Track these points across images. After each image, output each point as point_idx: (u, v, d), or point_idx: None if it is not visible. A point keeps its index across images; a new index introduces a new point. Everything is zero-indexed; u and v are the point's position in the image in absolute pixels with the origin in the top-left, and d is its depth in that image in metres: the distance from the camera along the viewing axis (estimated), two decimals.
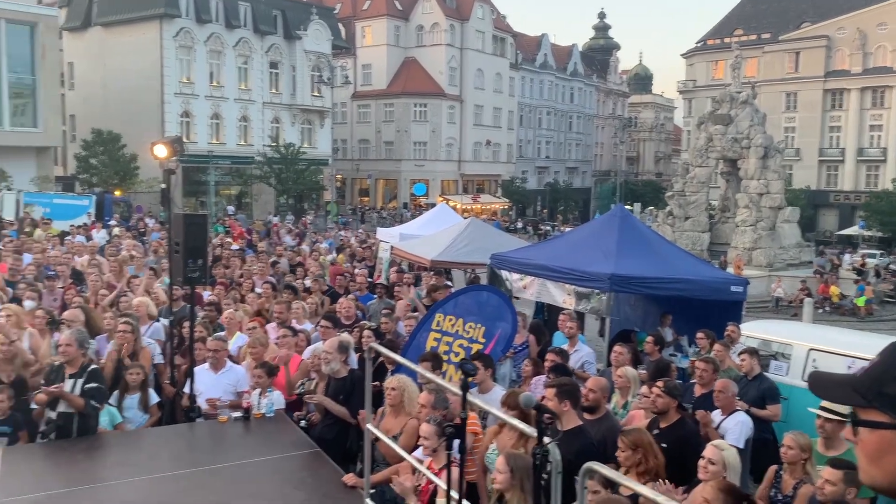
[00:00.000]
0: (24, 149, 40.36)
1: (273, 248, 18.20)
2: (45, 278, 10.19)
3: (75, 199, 29.76)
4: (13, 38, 40.07)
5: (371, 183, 61.57)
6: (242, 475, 5.40)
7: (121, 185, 39.08)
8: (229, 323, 8.26)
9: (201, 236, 6.58)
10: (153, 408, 6.79)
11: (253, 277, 11.98)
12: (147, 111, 43.76)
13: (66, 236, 17.96)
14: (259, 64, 48.29)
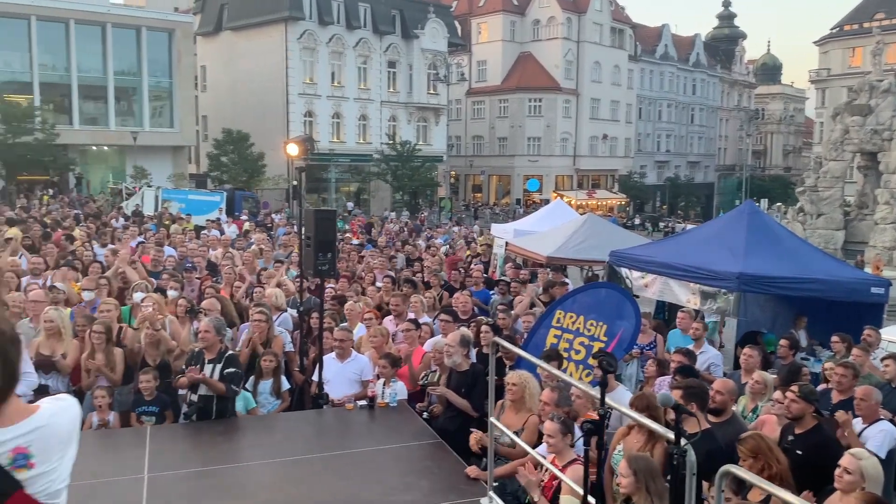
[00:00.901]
0: (161, 148, 43.26)
1: (391, 244, 18.60)
2: (184, 270, 10.86)
3: (208, 195, 31.46)
4: (153, 44, 43.01)
5: (484, 179, 61.80)
6: (368, 462, 5.59)
7: (249, 182, 41.05)
8: (350, 314, 8.52)
9: (331, 231, 6.84)
10: (284, 394, 7.12)
11: (374, 271, 12.31)
12: (273, 111, 45.77)
13: (201, 230, 19.06)
14: (377, 63, 49.45)
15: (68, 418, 2.13)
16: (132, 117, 43.68)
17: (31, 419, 2.03)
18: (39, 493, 2.01)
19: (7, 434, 1.98)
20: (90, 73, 41.66)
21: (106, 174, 45.07)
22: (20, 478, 1.98)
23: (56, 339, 6.84)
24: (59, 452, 2.06)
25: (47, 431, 2.04)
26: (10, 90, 38.76)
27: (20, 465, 1.98)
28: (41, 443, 2.02)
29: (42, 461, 2.01)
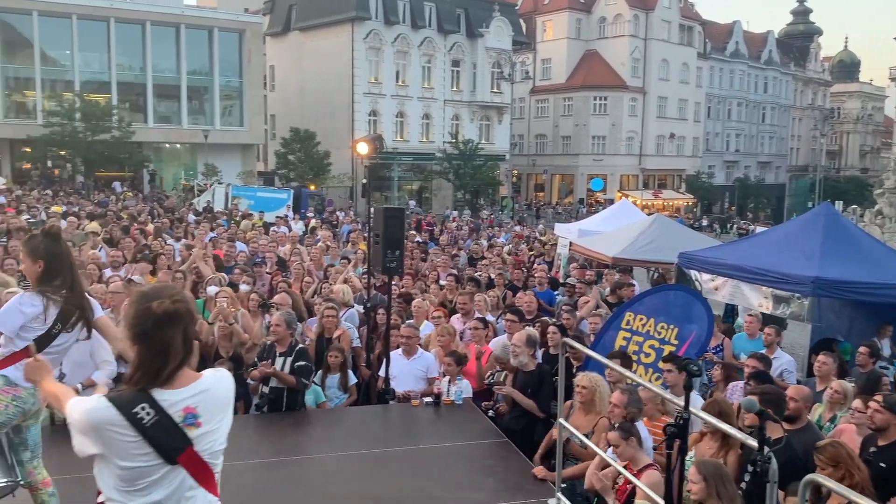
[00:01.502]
0: (231, 146, 44.42)
1: (454, 242, 18.67)
2: (254, 265, 11.12)
3: (276, 192, 32.10)
4: (224, 44, 44.21)
5: (547, 178, 61.34)
6: (435, 458, 5.63)
7: (314, 180, 41.77)
8: (417, 312, 8.58)
9: (399, 229, 6.92)
10: (351, 388, 7.22)
11: (437, 269, 12.38)
12: (339, 110, 46.45)
13: (269, 227, 19.50)
14: (442, 62, 49.64)
15: (226, 385, 2.44)
16: (203, 116, 44.97)
17: (198, 383, 2.33)
18: (204, 451, 2.29)
19: (180, 395, 2.27)
20: (164, 72, 43.08)
21: (178, 171, 46.56)
22: (191, 435, 2.25)
23: None
24: (220, 414, 2.36)
25: (211, 394, 2.35)
26: (90, 89, 40.42)
27: (190, 423, 2.27)
28: (206, 404, 2.31)
29: (207, 420, 2.30)
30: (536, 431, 6.27)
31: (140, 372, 2.25)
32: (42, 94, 39.95)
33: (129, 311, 2.30)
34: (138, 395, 2.22)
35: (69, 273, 4.01)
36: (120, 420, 2.17)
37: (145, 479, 2.21)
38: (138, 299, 2.31)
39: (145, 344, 2.25)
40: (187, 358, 2.33)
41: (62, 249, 4.05)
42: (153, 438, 2.19)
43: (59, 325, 3.91)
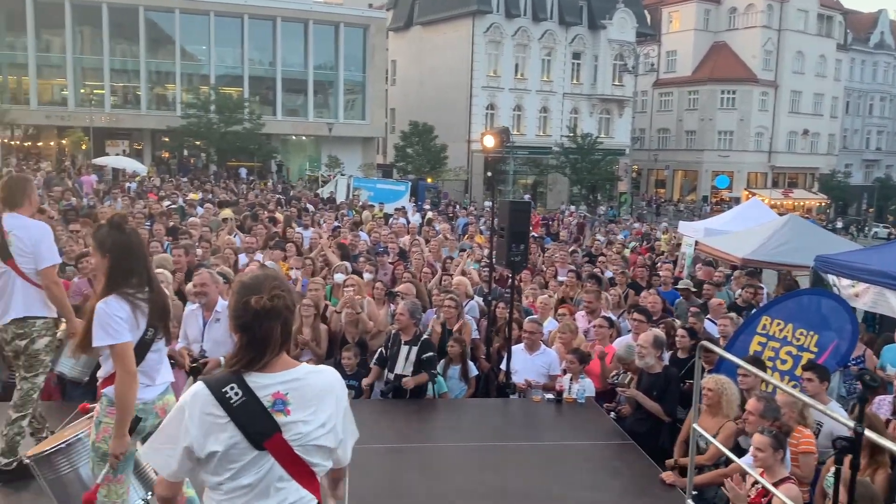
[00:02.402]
0: (353, 139, 45.74)
1: (574, 238, 18.42)
2: (376, 254, 11.39)
3: (394, 184, 32.79)
4: (349, 40, 45.52)
5: (668, 174, 59.40)
6: (557, 456, 5.58)
7: (431, 173, 42.32)
8: (543, 308, 8.50)
9: (524, 222, 6.88)
10: (471, 380, 7.27)
11: (555, 265, 12.25)
12: (456, 104, 46.79)
13: (389, 218, 19.91)
14: (562, 55, 49.01)
15: (322, 379, 2.39)
16: (327, 109, 46.51)
17: (291, 371, 2.33)
18: (293, 440, 2.27)
19: (271, 379, 2.28)
20: (292, 67, 44.86)
21: (303, 162, 48.41)
22: (279, 421, 2.25)
23: None
24: (312, 406, 2.31)
25: (303, 384, 2.32)
26: (224, 83, 42.69)
27: (279, 408, 2.26)
28: (297, 393, 2.29)
29: (297, 409, 2.28)
30: (661, 435, 6.10)
31: (237, 358, 2.30)
32: (181, 87, 42.54)
33: (231, 301, 2.33)
34: (230, 377, 2.27)
35: (143, 269, 3.64)
36: (211, 399, 2.23)
37: (234, 463, 2.23)
38: (239, 291, 2.32)
39: (247, 334, 2.28)
40: (284, 346, 2.35)
41: (132, 242, 3.63)
42: (239, 419, 2.21)
43: (152, 330, 3.61)
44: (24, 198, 4.71)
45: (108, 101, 41.69)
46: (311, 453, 2.30)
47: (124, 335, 3.45)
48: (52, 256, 4.65)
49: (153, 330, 3.59)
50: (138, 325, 3.52)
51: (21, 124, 40.27)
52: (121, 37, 41.83)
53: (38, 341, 4.69)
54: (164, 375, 3.74)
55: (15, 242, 4.56)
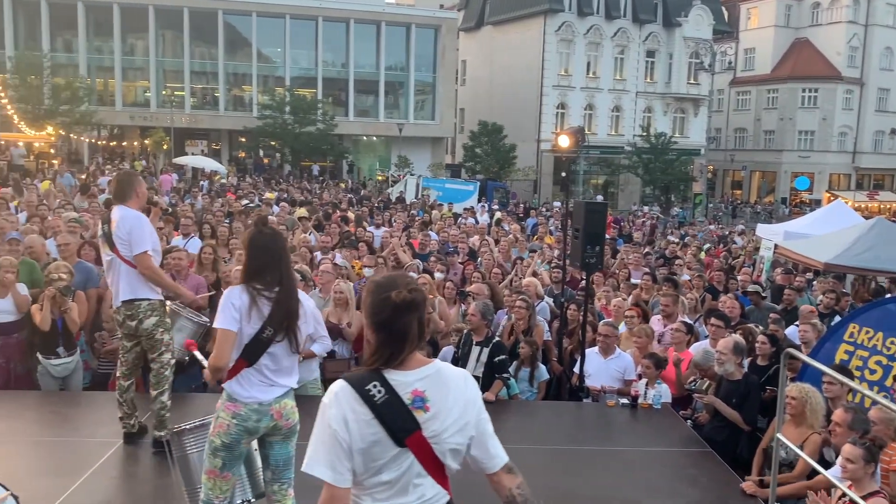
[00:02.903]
0: (422, 139, 46.06)
1: (644, 239, 18.07)
2: (447, 254, 11.43)
3: (463, 184, 32.87)
4: (420, 40, 45.86)
5: (745, 175, 57.61)
6: (632, 462, 5.48)
7: (499, 173, 42.22)
8: (617, 311, 8.36)
9: (600, 224, 6.78)
10: (542, 383, 7.21)
11: (628, 267, 12.02)
12: (526, 104, 46.54)
13: (458, 218, 19.96)
14: (635, 53, 48.16)
15: (456, 373, 2.41)
16: (397, 110, 46.96)
17: (427, 367, 2.35)
18: (432, 437, 2.28)
19: (409, 377, 2.30)
20: (364, 68, 45.47)
21: (373, 162, 49.04)
22: (419, 418, 2.27)
23: (343, 309, 7.54)
24: (448, 397, 2.32)
25: (439, 378, 2.34)
26: (298, 85, 43.62)
27: (418, 405, 2.28)
28: (434, 388, 2.31)
29: (435, 405, 2.29)
30: (740, 444, 5.91)
31: (376, 356, 2.33)
32: (257, 88, 43.68)
33: (368, 300, 2.36)
34: (371, 374, 2.29)
35: (277, 270, 3.65)
36: (355, 396, 2.25)
37: (376, 460, 2.25)
38: (375, 289, 2.36)
39: (385, 331, 2.31)
40: (419, 342, 2.37)
41: (268, 242, 3.67)
42: (383, 416, 2.23)
43: (270, 329, 3.59)
44: (131, 191, 5.14)
45: (188, 103, 43.16)
46: (446, 453, 2.31)
47: (228, 323, 3.54)
48: (144, 243, 4.99)
49: (271, 330, 3.57)
50: (250, 320, 3.55)
51: (107, 125, 42.08)
52: (200, 40, 43.25)
53: (145, 321, 5.15)
54: (285, 379, 3.69)
55: (115, 231, 5.00)
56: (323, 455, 2.27)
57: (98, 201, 14.08)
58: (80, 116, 35.67)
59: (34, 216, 11.05)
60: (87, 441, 5.53)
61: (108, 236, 5.03)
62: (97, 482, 4.77)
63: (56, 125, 33.92)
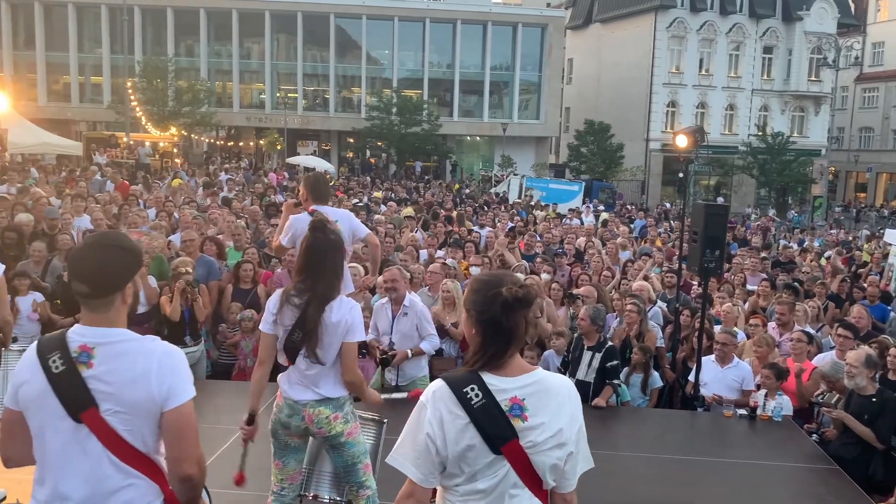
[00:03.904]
0: (526, 139, 45.84)
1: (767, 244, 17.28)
2: (553, 255, 11.30)
3: (567, 184, 32.51)
4: (526, 39, 45.66)
5: (871, 177, 54.07)
6: (749, 475, 5.24)
7: (605, 173, 41.44)
8: (726, 317, 8.04)
9: (720, 227, 6.52)
10: (654, 390, 7.01)
11: (744, 272, 11.52)
12: (634, 103, 45.47)
13: (562, 218, 19.75)
14: (751, 49, 46.13)
15: (559, 381, 2.33)
16: (501, 109, 46.93)
17: (529, 375, 2.27)
18: (529, 447, 2.21)
19: (509, 383, 2.24)
20: (470, 69, 45.70)
21: (476, 162, 49.23)
22: (516, 427, 2.20)
23: (450, 308, 7.59)
24: (550, 411, 2.23)
25: (542, 388, 2.26)
26: (405, 86, 44.35)
27: (516, 413, 2.21)
28: (536, 399, 2.23)
29: (534, 415, 2.21)
30: (872, 464, 5.54)
31: (478, 355, 2.27)
32: (365, 90, 44.71)
33: (472, 297, 2.30)
34: (469, 376, 2.24)
35: (314, 275, 3.62)
36: (452, 398, 2.21)
37: (470, 466, 2.20)
38: (481, 287, 2.30)
39: (491, 329, 2.24)
40: (517, 345, 2.29)
41: (312, 245, 3.65)
42: (479, 421, 2.18)
43: (299, 333, 3.58)
44: (329, 192, 5.61)
45: (301, 104, 44.67)
46: (542, 464, 2.23)
47: (264, 326, 3.68)
48: (365, 228, 5.55)
49: (300, 333, 3.57)
50: (277, 323, 3.61)
51: (224, 125, 44.18)
52: (312, 43, 44.69)
53: None
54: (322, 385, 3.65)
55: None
56: (410, 452, 2.25)
57: (218, 199, 14.78)
58: (201, 118, 37.63)
59: (162, 212, 11.71)
60: (210, 428, 5.79)
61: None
62: (221, 468, 4.99)
63: (178, 126, 35.89)
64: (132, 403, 2.20)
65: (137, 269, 2.37)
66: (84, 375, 2.19)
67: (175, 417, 2.24)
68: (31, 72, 42.12)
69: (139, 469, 2.24)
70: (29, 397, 2.24)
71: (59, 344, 2.24)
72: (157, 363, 2.23)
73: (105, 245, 2.31)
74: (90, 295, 2.25)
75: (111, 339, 2.25)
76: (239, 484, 3.80)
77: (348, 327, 3.61)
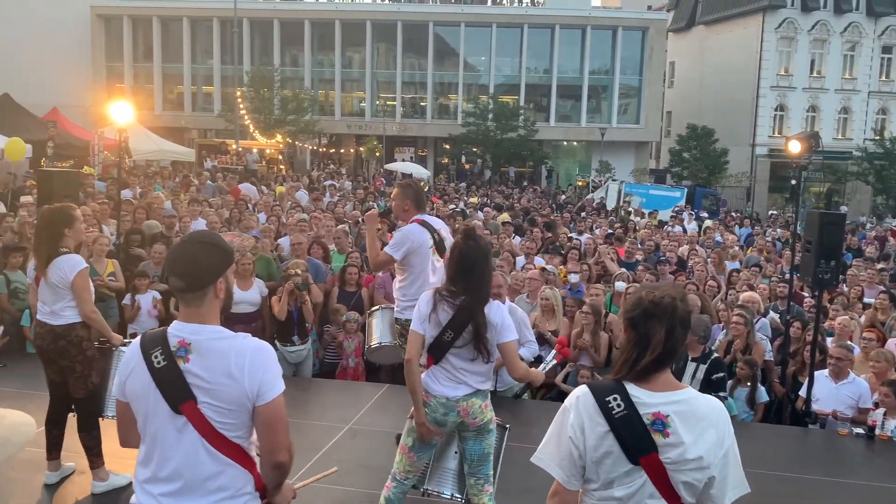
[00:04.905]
0: (625, 144, 44.96)
1: (878, 254, 16.34)
2: (655, 263, 11.04)
3: (668, 190, 31.62)
4: (626, 43, 44.87)
5: None
6: (867, 498, 5.00)
7: (709, 179, 40.12)
8: (842, 331, 7.66)
9: (837, 236, 6.23)
10: (760, 405, 6.76)
11: (861, 284, 10.92)
12: (740, 106, 43.84)
13: (663, 225, 19.26)
14: (868, 49, 43.65)
15: (707, 404, 2.28)
16: (599, 114, 46.25)
17: (676, 392, 2.26)
18: (669, 463, 2.20)
19: (654, 398, 2.23)
20: (568, 73, 45.29)
21: (573, 167, 48.68)
22: (657, 441, 2.20)
23: (549, 316, 7.56)
24: (694, 431, 2.20)
25: (686, 407, 2.23)
26: (501, 92, 44.39)
27: (658, 429, 2.20)
28: (681, 418, 2.21)
29: (676, 433, 2.19)
30: None
31: (620, 361, 2.29)
32: (462, 97, 45.06)
33: (632, 307, 2.32)
34: (614, 386, 2.26)
35: (466, 279, 3.75)
36: (594, 406, 2.24)
37: (608, 473, 2.23)
38: (639, 289, 2.36)
39: (631, 331, 2.28)
40: (667, 359, 2.26)
41: (464, 250, 3.78)
42: (618, 431, 2.19)
43: (450, 332, 3.71)
44: (427, 201, 5.61)
45: (399, 112, 45.47)
46: (680, 482, 2.21)
47: (414, 325, 3.80)
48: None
49: (451, 333, 3.70)
50: (430, 322, 3.74)
51: (326, 133, 45.50)
52: (411, 51, 45.43)
53: None
54: (474, 379, 3.80)
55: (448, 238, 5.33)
56: (554, 453, 2.30)
57: (322, 204, 15.24)
58: (304, 125, 38.90)
59: (271, 216, 12.19)
60: (315, 425, 6.01)
61: (441, 244, 5.26)
62: (327, 464, 5.16)
63: (283, 133, 37.22)
64: (226, 397, 2.33)
65: (228, 266, 2.49)
66: (181, 369, 2.34)
67: (267, 411, 2.35)
68: (148, 82, 44.68)
69: (232, 457, 2.37)
70: (134, 390, 2.40)
71: (160, 340, 2.39)
72: (248, 360, 2.34)
73: (197, 242, 2.46)
74: (185, 289, 2.39)
75: (206, 335, 2.38)
76: None
77: (502, 328, 3.78)
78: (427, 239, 5.17)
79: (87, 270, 4.81)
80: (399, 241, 5.13)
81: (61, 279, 4.64)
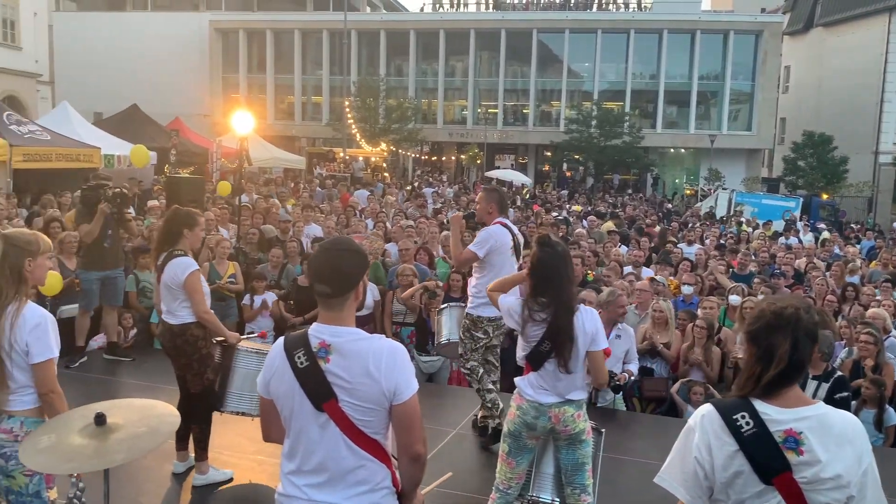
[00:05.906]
0: (736, 151, 43.32)
1: None
2: (771, 276, 10.58)
3: (782, 200, 30.28)
4: (738, 47, 43.28)
5: None
6: None
7: (827, 189, 38.07)
8: None
9: None
10: (890, 428, 6.36)
11: None
12: (862, 112, 41.39)
13: (778, 236, 18.45)
14: None
15: (842, 419, 2.20)
16: (708, 120, 44.78)
17: (808, 408, 2.19)
18: (803, 481, 2.11)
19: (784, 415, 2.16)
20: (675, 79, 44.11)
21: (680, 175, 47.34)
22: (790, 460, 2.12)
23: (661, 328, 7.39)
24: (830, 448, 2.12)
25: (820, 423, 2.15)
26: (606, 98, 43.73)
27: (790, 447, 2.12)
28: (815, 435, 2.13)
29: (811, 450, 2.11)
30: None
31: (744, 376, 2.23)
32: (565, 103, 44.67)
33: (757, 321, 2.26)
34: (740, 403, 2.19)
35: (553, 291, 3.79)
36: (721, 424, 2.17)
37: (738, 494, 2.16)
38: (760, 301, 2.33)
39: (754, 345, 2.22)
40: (793, 373, 2.18)
41: (544, 259, 3.83)
42: (749, 450, 2.12)
43: (548, 343, 3.79)
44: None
45: (500, 119, 45.56)
46: (816, 501, 2.12)
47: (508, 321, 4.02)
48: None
49: (549, 344, 3.80)
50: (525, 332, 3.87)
51: (428, 141, 46.15)
52: (514, 59, 45.44)
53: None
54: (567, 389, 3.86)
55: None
56: (679, 474, 2.26)
57: (427, 211, 15.47)
58: (408, 134, 39.62)
59: (378, 222, 12.49)
60: (428, 429, 6.10)
61: (518, 247, 5.62)
62: (438, 467, 5.24)
63: (388, 141, 38.04)
64: (365, 396, 2.44)
65: (366, 269, 2.65)
66: (323, 369, 2.46)
67: (404, 410, 2.48)
68: (261, 93, 46.66)
69: (370, 452, 2.49)
70: (278, 388, 2.55)
71: (302, 341, 2.52)
72: (385, 361, 2.46)
73: (340, 249, 2.58)
74: (331, 295, 2.51)
75: (344, 336, 2.50)
76: None
77: (593, 336, 3.84)
78: (508, 240, 5.46)
79: (199, 272, 4.97)
80: (483, 239, 5.36)
81: (174, 280, 4.83)
